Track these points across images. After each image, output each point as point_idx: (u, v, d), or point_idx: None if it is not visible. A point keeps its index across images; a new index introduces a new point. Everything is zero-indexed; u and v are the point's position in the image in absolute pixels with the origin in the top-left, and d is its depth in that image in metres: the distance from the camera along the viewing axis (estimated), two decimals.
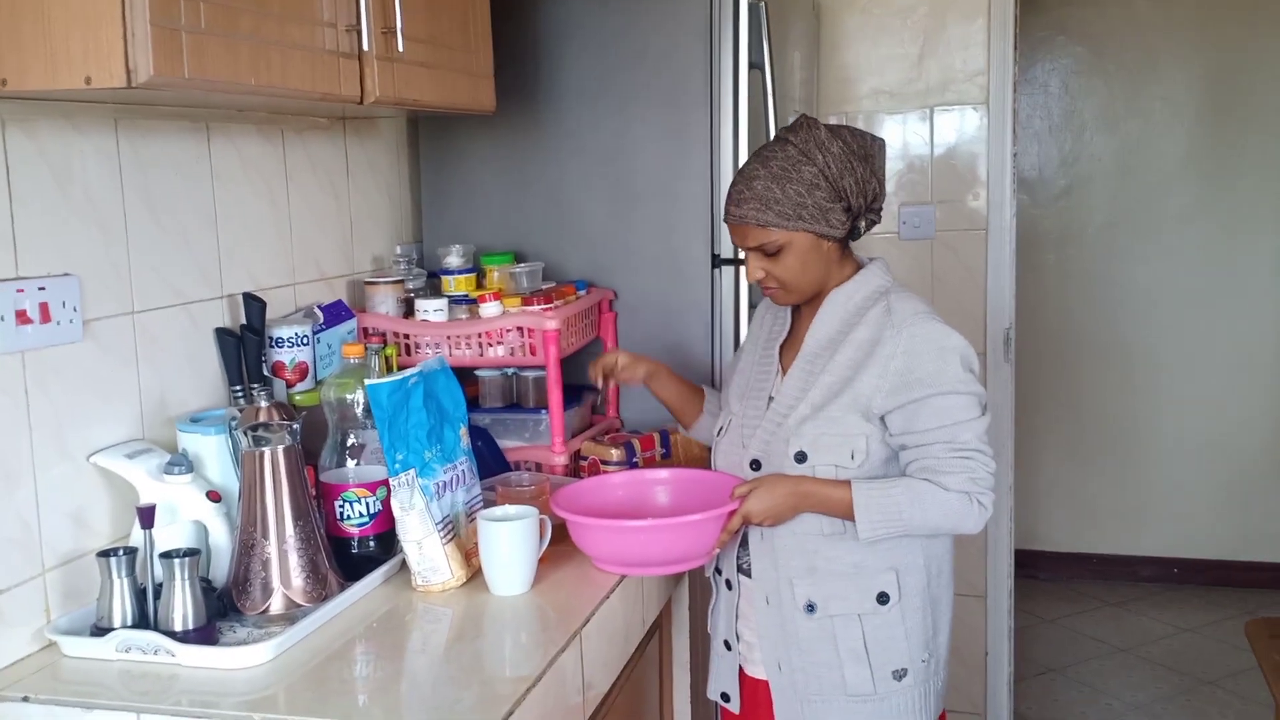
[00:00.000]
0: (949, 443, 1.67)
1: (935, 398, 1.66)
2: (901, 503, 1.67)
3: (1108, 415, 4.57)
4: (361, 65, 1.68)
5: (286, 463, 1.61)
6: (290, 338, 1.92)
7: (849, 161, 1.69)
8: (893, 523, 1.67)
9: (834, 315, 1.76)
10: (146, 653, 1.48)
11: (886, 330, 1.70)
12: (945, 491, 1.66)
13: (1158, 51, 4.36)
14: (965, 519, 1.67)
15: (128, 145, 1.68)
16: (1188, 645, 4.05)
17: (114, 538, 1.65)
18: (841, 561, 1.73)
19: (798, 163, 1.69)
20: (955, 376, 1.68)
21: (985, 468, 1.68)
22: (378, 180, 2.40)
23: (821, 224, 1.70)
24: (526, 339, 2.15)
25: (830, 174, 1.69)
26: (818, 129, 1.71)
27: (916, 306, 1.73)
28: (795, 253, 1.72)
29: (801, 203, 1.69)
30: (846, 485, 1.68)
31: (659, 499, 1.91)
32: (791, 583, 1.75)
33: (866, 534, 1.67)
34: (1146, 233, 4.45)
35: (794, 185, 1.69)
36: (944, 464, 1.67)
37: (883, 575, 1.73)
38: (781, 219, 1.69)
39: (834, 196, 1.70)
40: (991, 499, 1.69)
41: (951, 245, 3.16)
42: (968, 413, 1.68)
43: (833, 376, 1.72)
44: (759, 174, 1.71)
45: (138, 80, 1.25)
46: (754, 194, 1.71)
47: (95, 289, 1.62)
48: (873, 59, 3.16)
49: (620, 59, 2.37)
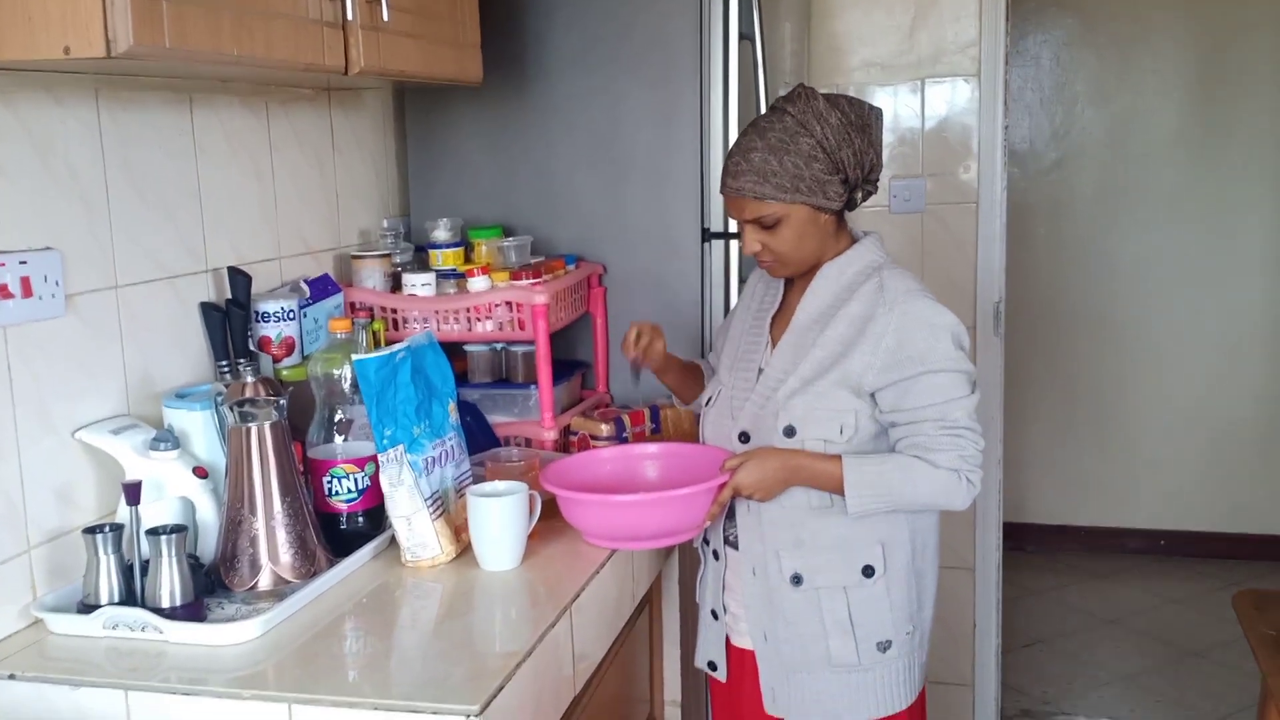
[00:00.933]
0: (939, 420, 1.67)
1: (926, 375, 1.66)
2: (892, 479, 1.67)
3: (1096, 388, 4.58)
4: (346, 35, 1.66)
5: (273, 438, 1.60)
6: (276, 312, 1.90)
7: (847, 133, 1.68)
8: (882, 498, 1.68)
9: (826, 289, 1.75)
10: (134, 630, 1.47)
11: (879, 307, 1.69)
12: (935, 468, 1.66)
13: (1149, 24, 4.34)
14: (954, 496, 1.68)
15: (109, 117, 1.65)
16: (1174, 617, 4.08)
17: (100, 514, 1.64)
18: (828, 534, 1.73)
19: (795, 134, 1.67)
20: (946, 354, 1.67)
21: (975, 445, 1.68)
22: (364, 153, 2.37)
23: (819, 196, 1.69)
24: (515, 314, 2.14)
25: (828, 145, 1.67)
26: (815, 99, 1.69)
27: (909, 284, 1.72)
28: (792, 225, 1.71)
29: (799, 175, 1.67)
30: (837, 460, 1.68)
31: (648, 473, 1.91)
32: (778, 554, 1.75)
33: (856, 509, 1.68)
34: (1137, 206, 4.45)
35: (791, 157, 1.67)
36: (934, 441, 1.67)
37: (869, 549, 1.74)
38: (779, 191, 1.68)
39: (831, 168, 1.68)
40: (980, 476, 1.69)
41: (942, 218, 3.15)
42: (958, 390, 1.68)
43: (823, 351, 1.71)
44: (756, 145, 1.69)
45: (117, 50, 1.23)
46: (751, 166, 1.69)
47: (78, 263, 1.60)
48: (864, 30, 3.14)
49: (610, 30, 2.34)
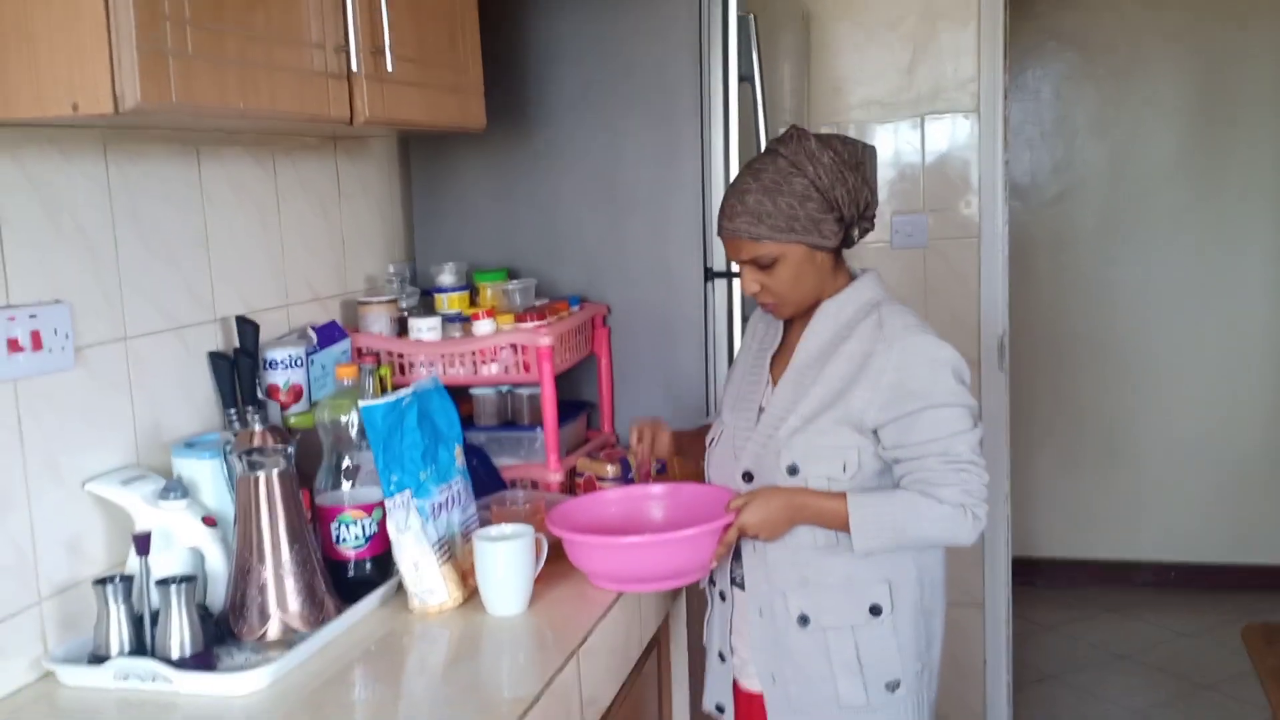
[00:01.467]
0: (943, 455, 1.66)
1: (928, 410, 1.66)
2: (897, 515, 1.67)
3: (1103, 420, 4.57)
4: (351, 86, 1.68)
5: (281, 486, 1.60)
6: (284, 360, 1.91)
7: (840, 171, 1.69)
8: (888, 535, 1.67)
9: (825, 327, 1.76)
10: (144, 680, 1.47)
11: (879, 344, 1.70)
12: (940, 504, 1.66)
13: (1147, 56, 4.37)
14: (960, 531, 1.67)
15: (117, 170, 1.67)
16: (1185, 650, 4.05)
17: (110, 565, 1.64)
18: (834, 574, 1.73)
19: (788, 174, 1.69)
20: (948, 389, 1.68)
21: (979, 479, 1.68)
22: (369, 199, 2.39)
23: (814, 235, 1.70)
24: (520, 356, 2.15)
25: (821, 184, 1.69)
26: (808, 139, 1.71)
27: (908, 320, 1.73)
28: (789, 265, 1.72)
29: (794, 214, 1.69)
30: (842, 497, 1.68)
31: (654, 514, 1.90)
32: (784, 595, 1.74)
33: (862, 546, 1.67)
34: (1139, 237, 4.46)
35: (785, 197, 1.69)
36: (938, 476, 1.66)
37: (875, 587, 1.73)
38: (774, 231, 1.69)
39: (826, 207, 1.69)
40: (985, 510, 1.69)
41: (944, 253, 3.16)
42: (961, 424, 1.68)
43: (823, 388, 1.72)
44: (750, 187, 1.71)
45: (125, 107, 1.25)
46: (746, 207, 1.70)
47: (86, 315, 1.61)
48: (863, 69, 3.17)
49: (610, 73, 2.37)
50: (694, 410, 2.39)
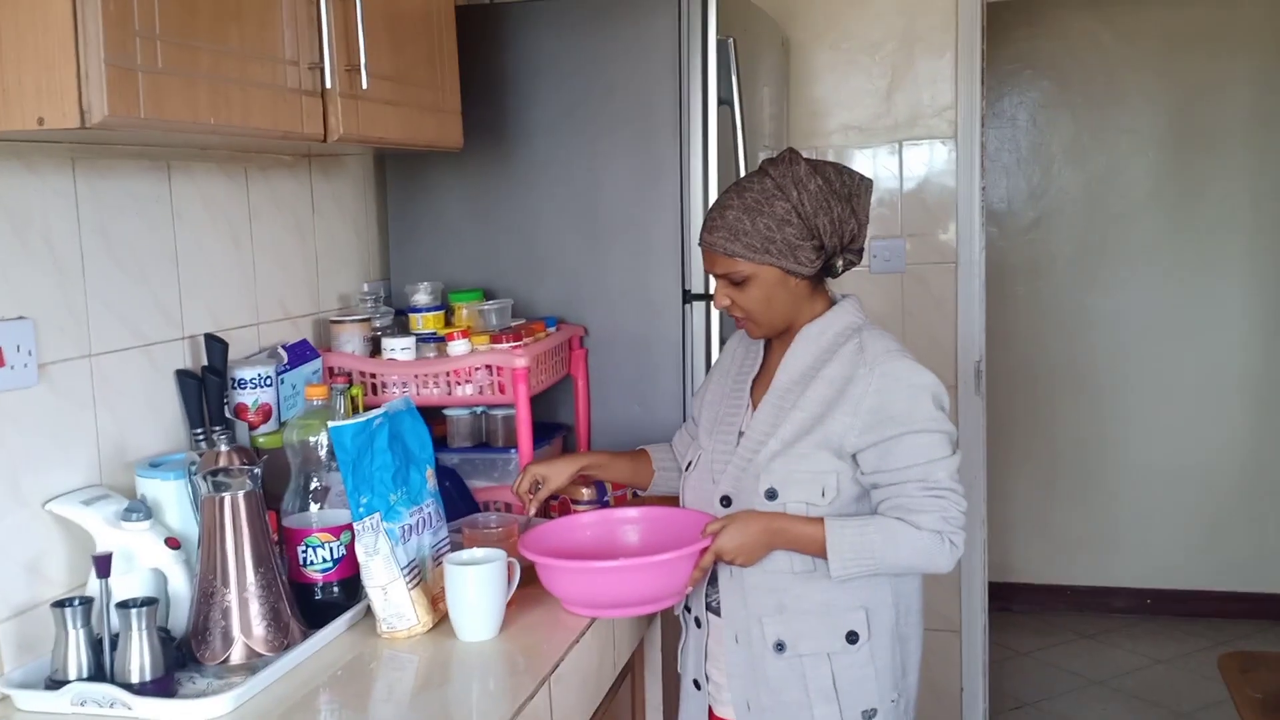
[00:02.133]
0: (922, 481, 1.66)
1: (907, 436, 1.66)
2: (875, 542, 1.65)
3: (1079, 446, 4.58)
4: (325, 103, 1.66)
5: (247, 508, 1.58)
6: (253, 379, 1.88)
7: (826, 200, 1.68)
8: (865, 562, 1.66)
9: (806, 351, 1.76)
10: (102, 706, 1.44)
11: (859, 368, 1.69)
12: (918, 530, 1.64)
13: (1123, 84, 4.41)
14: (937, 558, 1.66)
15: (85, 185, 1.65)
16: (1162, 677, 4.04)
17: (70, 587, 1.60)
18: (811, 600, 1.71)
19: (772, 196, 1.69)
20: (927, 415, 1.67)
21: (957, 506, 1.67)
22: (344, 217, 2.37)
23: (789, 260, 1.69)
24: (495, 377, 2.13)
25: (803, 211, 1.68)
26: (798, 164, 1.70)
27: (888, 344, 1.72)
28: (760, 285, 1.72)
29: (770, 237, 1.68)
30: (819, 523, 1.66)
31: (629, 538, 1.88)
32: (761, 621, 1.73)
33: (839, 572, 1.66)
34: (1115, 263, 4.49)
35: (764, 219, 1.68)
36: (917, 503, 1.65)
37: (852, 614, 1.71)
38: (748, 250, 1.69)
39: (806, 234, 1.69)
40: (963, 538, 1.68)
41: (922, 278, 3.17)
42: (940, 451, 1.67)
43: (804, 413, 1.71)
44: (733, 204, 1.71)
45: (92, 121, 1.23)
46: (725, 223, 1.70)
47: (51, 332, 1.58)
48: (842, 94, 3.18)
49: (589, 95, 2.36)
50: (670, 434, 2.37)
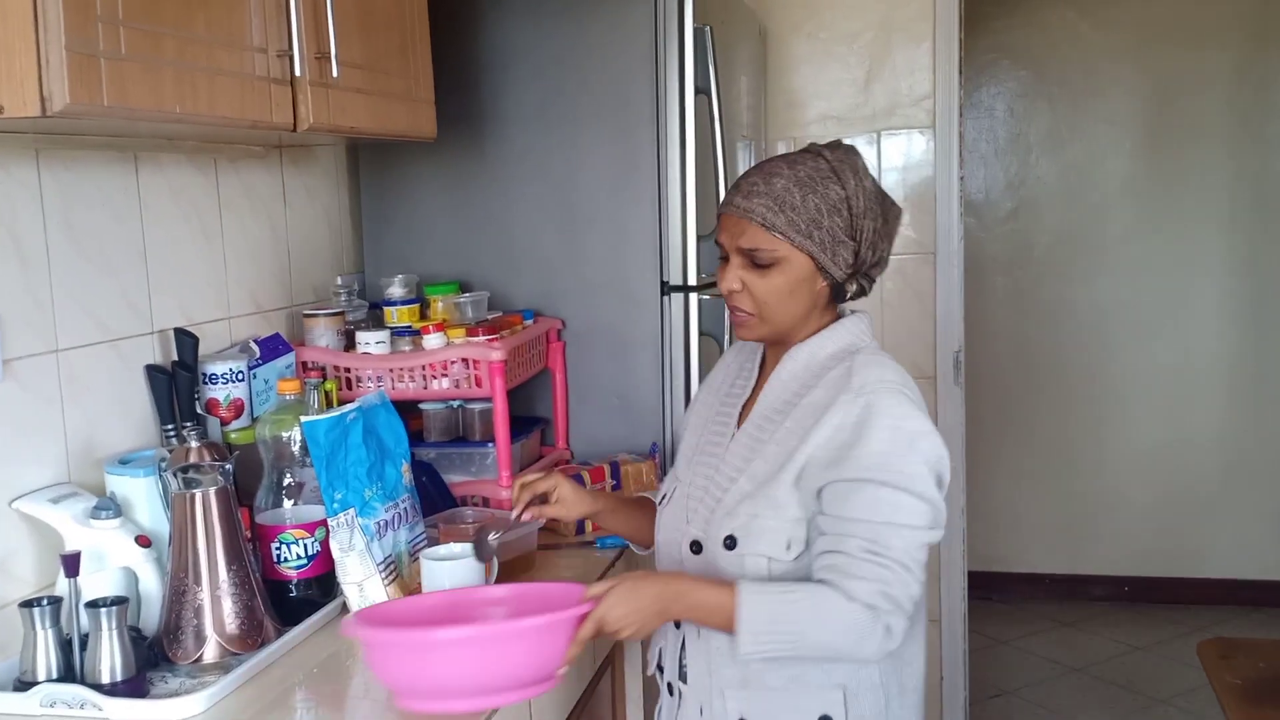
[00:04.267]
0: (870, 541, 1.36)
1: (871, 485, 1.37)
2: (798, 616, 1.36)
3: (1057, 436, 4.60)
4: (294, 92, 1.63)
5: (219, 505, 1.55)
6: (224, 374, 1.86)
7: (875, 205, 1.48)
8: (783, 640, 1.37)
9: (793, 375, 1.51)
10: (72, 707, 1.41)
11: (842, 394, 1.43)
12: (848, 601, 1.34)
13: (1100, 75, 4.42)
14: (865, 641, 1.36)
15: (50, 177, 1.62)
16: (1140, 664, 4.06)
17: (39, 586, 1.58)
18: (777, 674, 1.45)
19: (827, 178, 1.47)
20: (908, 470, 1.38)
21: (905, 588, 1.36)
22: (316, 209, 2.34)
23: (828, 254, 1.46)
24: (472, 371, 2.10)
25: (855, 206, 1.46)
26: (857, 156, 1.51)
27: (885, 375, 1.44)
28: (787, 273, 1.47)
29: (817, 220, 1.45)
30: (730, 589, 1.37)
31: (491, 616, 1.53)
32: (724, 694, 1.48)
33: (749, 650, 1.36)
34: (1093, 253, 4.50)
35: (817, 199, 1.45)
36: (854, 565, 1.35)
37: (827, 694, 1.44)
38: (791, 229, 1.45)
39: (850, 230, 1.47)
40: (903, 628, 1.37)
41: (901, 269, 3.16)
42: (910, 518, 1.37)
43: (779, 447, 1.45)
44: (782, 173, 1.47)
45: (53, 109, 1.19)
46: (770, 191, 1.46)
47: (16, 327, 1.55)
48: (819, 84, 3.16)
49: (565, 84, 2.34)
50: (649, 428, 2.36)
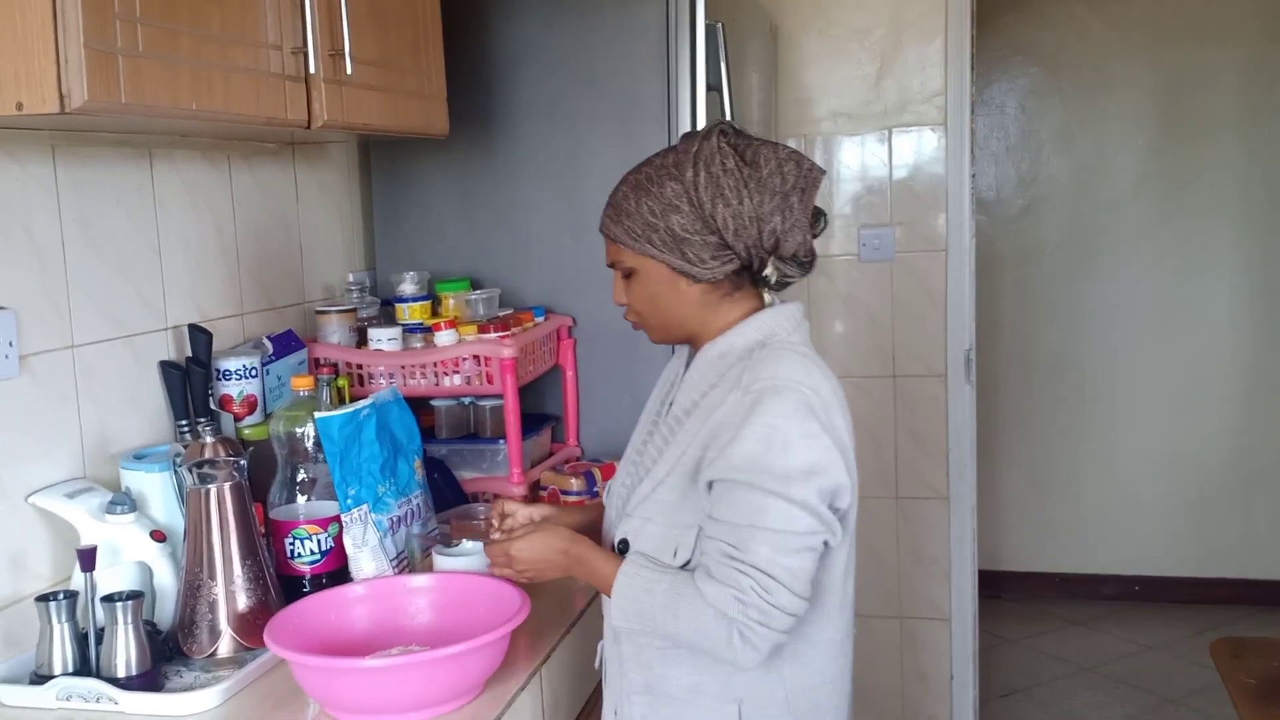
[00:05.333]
0: (730, 545, 1.29)
1: (739, 487, 1.30)
2: (656, 599, 1.33)
3: (1068, 434, 4.59)
4: (309, 88, 1.64)
5: (233, 500, 1.56)
6: (238, 370, 1.86)
7: (737, 188, 1.34)
8: (646, 619, 1.35)
9: (703, 375, 1.41)
10: (88, 700, 1.42)
11: (733, 393, 1.34)
12: (703, 604, 1.30)
13: (1111, 72, 4.41)
14: (717, 646, 1.30)
15: (66, 174, 1.62)
16: (1151, 663, 4.05)
17: (54, 581, 1.59)
18: (675, 683, 1.40)
19: (664, 175, 1.37)
20: (780, 474, 1.28)
21: (765, 597, 1.27)
22: (329, 206, 2.35)
23: (674, 255, 1.37)
24: (483, 367, 2.11)
25: (698, 197, 1.35)
26: (709, 139, 1.37)
27: (778, 370, 1.33)
28: (644, 282, 1.42)
29: (652, 224, 1.37)
30: (617, 562, 1.38)
31: (415, 616, 1.57)
32: (631, 699, 1.45)
33: (617, 622, 1.37)
34: (1104, 251, 4.49)
35: (650, 200, 1.37)
36: (715, 568, 1.30)
37: (723, 707, 1.38)
38: (629, 237, 1.39)
39: (700, 226, 1.36)
40: (767, 639, 1.29)
41: (912, 266, 3.16)
42: (779, 524, 1.28)
43: (677, 448, 1.39)
44: (626, 179, 1.42)
45: (72, 105, 1.20)
46: (612, 200, 1.42)
47: (32, 323, 1.56)
48: (830, 81, 3.16)
49: (577, 81, 2.34)
50: None
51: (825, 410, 1.33)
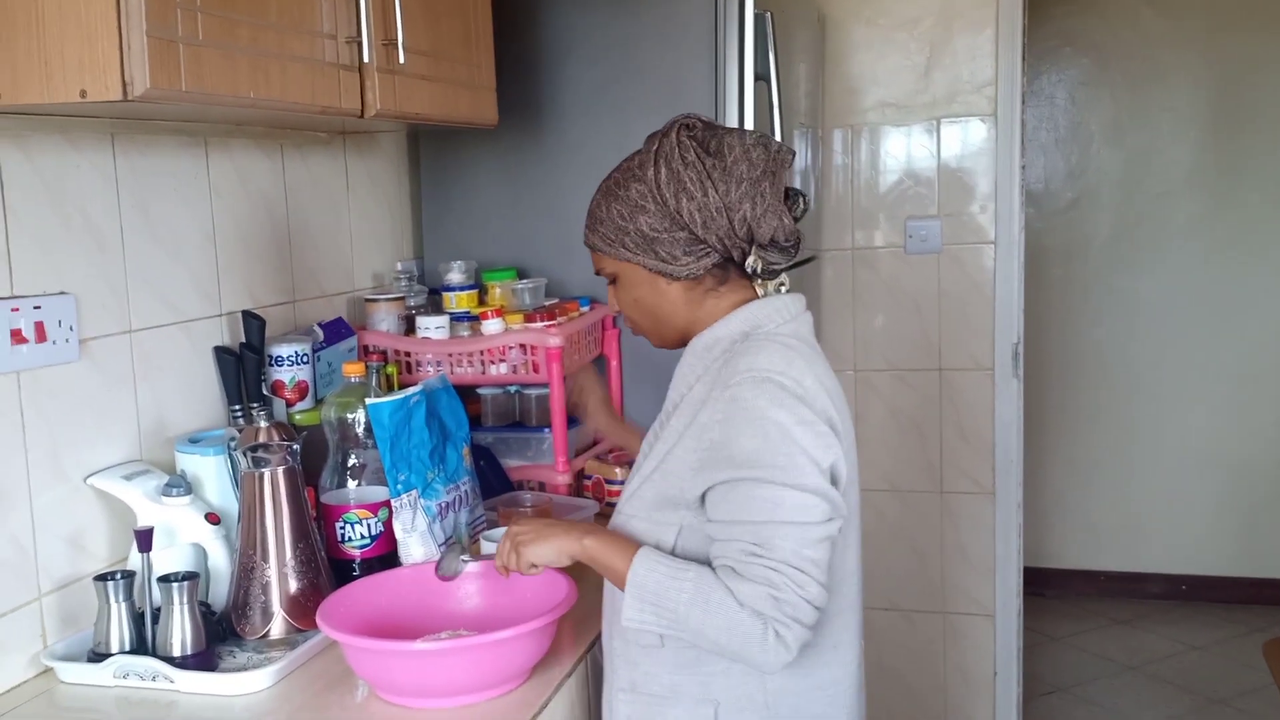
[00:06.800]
0: (753, 544, 1.25)
1: (745, 483, 1.27)
2: (683, 594, 1.27)
3: (1114, 430, 4.54)
4: (362, 78, 1.65)
5: (286, 484, 1.58)
6: (290, 356, 1.89)
7: (699, 180, 1.32)
8: (665, 615, 1.29)
9: (690, 370, 1.40)
10: (144, 679, 1.45)
11: (715, 388, 1.32)
12: (737, 605, 1.24)
13: (1164, 63, 4.34)
14: (752, 647, 1.25)
15: (124, 161, 1.65)
16: (1197, 663, 4.00)
17: (112, 561, 1.62)
18: (658, 680, 1.38)
19: (629, 177, 1.38)
20: (786, 464, 1.26)
21: (799, 591, 1.24)
22: (378, 195, 2.37)
23: (648, 256, 1.36)
24: (529, 356, 2.12)
25: (660, 195, 1.34)
26: (669, 135, 1.36)
27: (756, 362, 1.30)
28: (626, 286, 1.42)
29: (623, 227, 1.37)
30: (632, 549, 1.33)
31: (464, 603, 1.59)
32: (616, 696, 1.44)
33: (630, 618, 1.30)
34: (1154, 245, 4.43)
35: (618, 204, 1.37)
36: (743, 567, 1.26)
37: (699, 708, 1.36)
38: (604, 243, 1.40)
39: (669, 223, 1.34)
40: (799, 636, 1.25)
41: (959, 259, 3.13)
42: (795, 515, 1.26)
43: (664, 444, 1.37)
44: (601, 185, 1.43)
45: (134, 93, 1.22)
46: (590, 209, 1.43)
47: (92, 307, 1.59)
48: (878, 70, 3.14)
49: (624, 71, 2.34)
50: None
51: (812, 397, 1.30)
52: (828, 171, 3.20)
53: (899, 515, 3.24)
